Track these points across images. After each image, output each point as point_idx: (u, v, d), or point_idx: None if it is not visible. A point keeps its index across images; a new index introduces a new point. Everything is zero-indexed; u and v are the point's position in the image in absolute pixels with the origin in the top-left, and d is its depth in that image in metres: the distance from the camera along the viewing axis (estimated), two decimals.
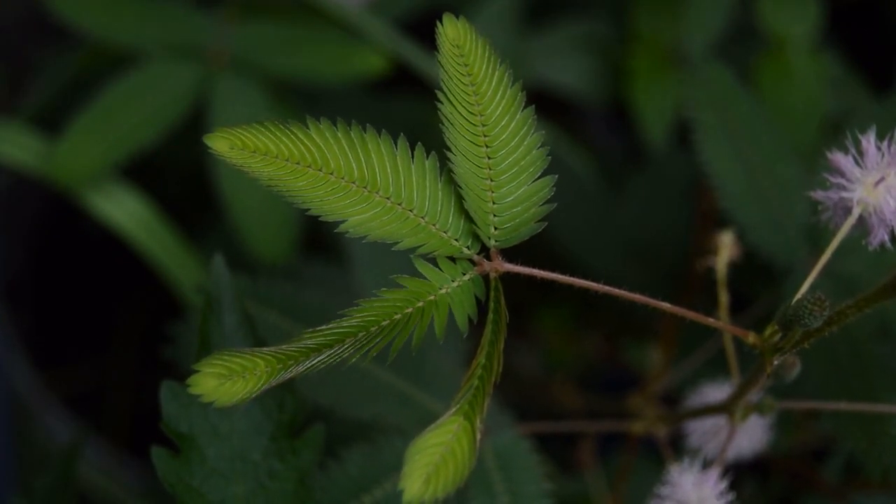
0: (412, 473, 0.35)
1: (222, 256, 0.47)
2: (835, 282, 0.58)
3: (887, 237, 0.39)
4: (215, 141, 0.39)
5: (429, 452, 0.35)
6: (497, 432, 0.54)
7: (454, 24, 0.39)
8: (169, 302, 0.79)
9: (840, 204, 0.39)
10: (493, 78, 0.39)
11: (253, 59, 0.78)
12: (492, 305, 0.38)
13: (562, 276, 0.38)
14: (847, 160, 0.39)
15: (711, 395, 0.59)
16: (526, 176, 0.39)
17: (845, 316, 0.38)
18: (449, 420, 0.36)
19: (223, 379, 0.36)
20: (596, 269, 0.81)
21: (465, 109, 0.39)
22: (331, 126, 0.39)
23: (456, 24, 0.39)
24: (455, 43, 0.39)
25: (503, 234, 0.39)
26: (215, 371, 0.36)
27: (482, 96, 0.39)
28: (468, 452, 0.36)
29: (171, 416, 0.45)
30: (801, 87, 0.81)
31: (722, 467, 0.48)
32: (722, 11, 0.84)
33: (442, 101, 0.39)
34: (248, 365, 0.36)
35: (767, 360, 0.40)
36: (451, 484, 0.35)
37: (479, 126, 0.39)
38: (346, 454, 0.52)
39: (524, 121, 0.39)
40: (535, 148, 0.39)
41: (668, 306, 0.39)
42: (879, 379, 0.56)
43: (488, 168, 0.39)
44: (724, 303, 0.50)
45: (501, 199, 0.39)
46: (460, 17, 0.40)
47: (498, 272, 0.38)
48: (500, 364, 0.37)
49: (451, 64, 0.39)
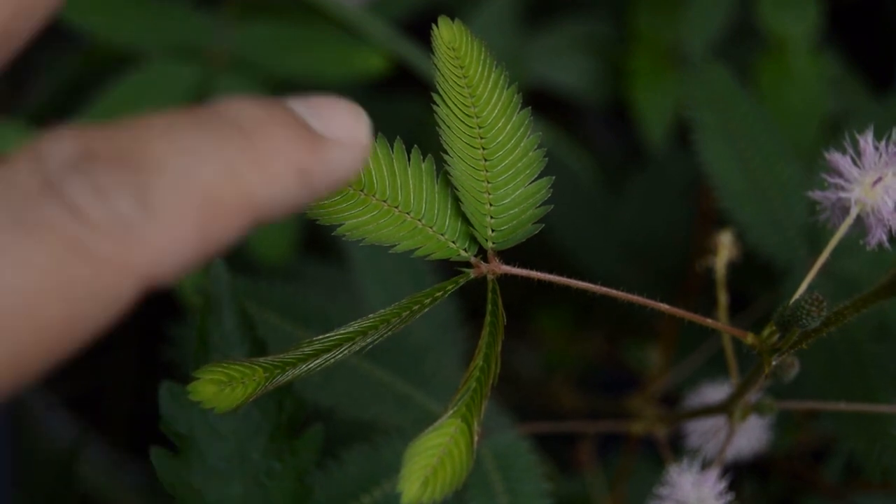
0: (410, 476, 0.35)
1: (221, 257, 0.47)
2: (833, 281, 0.58)
3: (885, 237, 0.39)
4: None
5: (427, 455, 0.35)
6: (496, 433, 0.54)
7: (449, 27, 0.39)
8: (169, 302, 0.79)
9: (838, 204, 0.39)
10: (489, 80, 0.39)
11: (253, 59, 0.78)
12: (489, 307, 0.38)
13: (559, 277, 0.38)
14: (845, 160, 0.39)
15: (711, 396, 0.59)
16: (523, 178, 0.39)
17: (843, 316, 0.38)
18: (446, 422, 0.36)
19: (223, 385, 0.36)
20: (595, 268, 0.81)
21: (462, 112, 0.39)
22: None
23: (451, 27, 0.39)
24: (451, 45, 0.39)
25: (500, 236, 0.39)
26: (215, 378, 0.36)
27: (478, 98, 0.39)
28: (466, 454, 0.36)
29: (171, 416, 0.45)
30: (801, 87, 0.81)
31: (721, 467, 0.48)
32: (722, 11, 0.84)
33: (438, 103, 0.39)
34: (247, 372, 0.36)
35: (766, 361, 0.40)
36: (449, 486, 0.35)
37: (476, 128, 0.39)
38: (345, 454, 0.52)
39: (520, 122, 0.39)
40: (532, 149, 0.39)
41: (666, 307, 0.39)
42: (878, 378, 0.56)
43: (485, 170, 0.39)
44: (724, 303, 0.49)
45: (498, 200, 0.39)
46: (456, 20, 0.39)
47: (495, 274, 0.38)
48: (497, 366, 0.37)
49: (447, 66, 0.39)
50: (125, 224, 0.26)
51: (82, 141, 0.27)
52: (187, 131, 0.28)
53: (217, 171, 0.28)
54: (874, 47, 0.94)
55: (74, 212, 0.26)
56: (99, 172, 0.26)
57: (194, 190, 0.27)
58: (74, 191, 0.26)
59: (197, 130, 0.29)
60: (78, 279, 0.26)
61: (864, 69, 0.86)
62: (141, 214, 0.26)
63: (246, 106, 0.30)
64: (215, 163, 0.28)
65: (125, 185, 0.26)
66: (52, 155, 0.27)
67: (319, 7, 0.77)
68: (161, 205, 0.27)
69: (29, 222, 0.26)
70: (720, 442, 0.54)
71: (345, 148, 0.32)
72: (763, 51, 0.84)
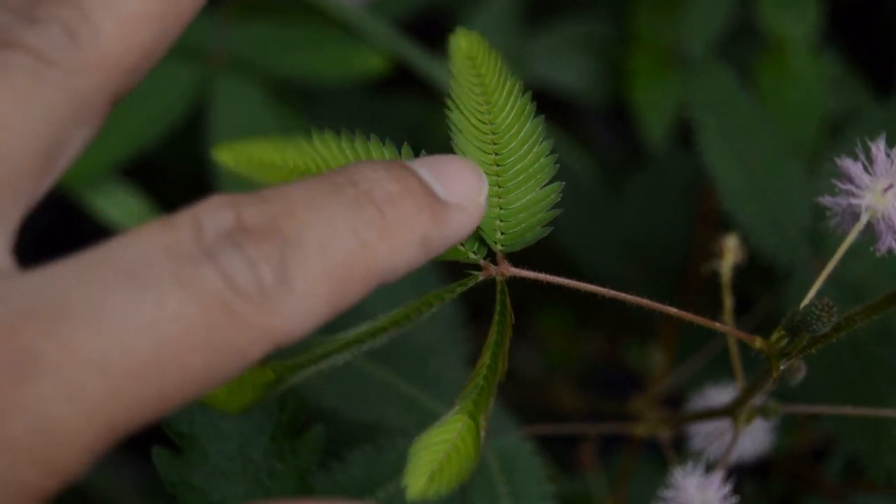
0: (416, 470, 0.35)
1: None
2: (839, 286, 0.58)
3: (895, 244, 0.39)
4: (221, 153, 0.40)
5: (433, 450, 0.35)
6: (500, 434, 0.54)
7: (468, 37, 0.40)
8: None
9: (848, 210, 0.39)
10: (503, 88, 0.40)
11: (253, 59, 0.78)
12: (498, 308, 0.38)
13: (567, 280, 0.39)
14: (856, 166, 0.39)
15: (715, 398, 0.59)
16: (534, 183, 0.39)
17: (854, 322, 0.38)
18: (453, 418, 0.36)
19: (233, 388, 0.36)
20: (596, 268, 0.81)
21: (476, 118, 0.39)
22: (335, 136, 0.39)
23: (469, 37, 0.40)
24: (469, 55, 0.40)
25: (509, 239, 0.39)
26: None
27: (493, 105, 0.39)
28: (472, 450, 0.36)
29: (172, 415, 0.45)
30: (801, 87, 0.81)
31: (725, 470, 0.48)
32: (722, 11, 0.84)
33: (451, 108, 0.39)
34: (257, 374, 0.36)
35: (774, 365, 0.40)
36: (455, 481, 0.35)
37: (489, 134, 0.39)
38: (349, 456, 0.52)
39: (533, 129, 0.39)
40: (544, 156, 0.39)
41: (673, 311, 0.39)
42: (882, 380, 0.56)
43: (496, 175, 0.39)
44: (729, 306, 0.49)
45: (509, 205, 0.39)
46: (473, 31, 0.40)
47: (504, 276, 0.39)
48: (505, 364, 0.38)
49: (465, 75, 0.39)
50: (266, 294, 0.30)
51: (235, 212, 0.31)
52: (326, 203, 0.32)
53: (350, 244, 0.32)
54: (874, 47, 0.94)
55: (226, 278, 0.30)
56: (249, 245, 0.31)
57: (327, 264, 0.32)
58: (227, 260, 0.30)
59: (334, 201, 0.33)
60: (222, 335, 0.30)
61: (864, 69, 0.86)
62: (280, 287, 0.30)
63: (379, 176, 0.34)
64: (349, 237, 0.32)
65: (269, 259, 0.31)
66: (210, 224, 0.31)
67: (319, 7, 0.77)
68: (296, 278, 0.31)
69: (189, 281, 0.30)
70: (724, 445, 0.54)
71: (464, 212, 0.36)
72: (763, 51, 0.83)
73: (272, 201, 0.32)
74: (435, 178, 0.35)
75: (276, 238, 0.31)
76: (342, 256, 0.32)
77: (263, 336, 0.30)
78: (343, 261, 0.32)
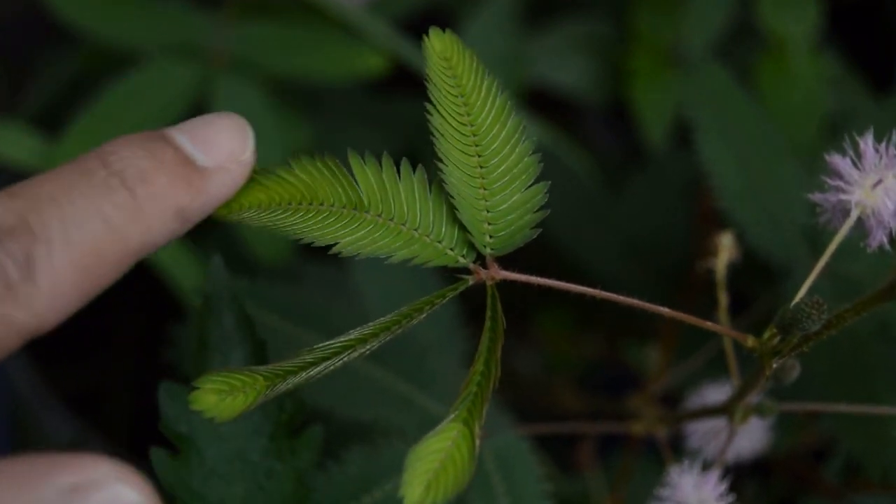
0: (413, 481, 0.35)
1: (221, 257, 0.47)
2: (834, 283, 0.58)
3: (885, 239, 0.39)
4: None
5: (429, 459, 0.35)
6: (497, 434, 0.54)
7: (441, 37, 0.39)
8: (169, 302, 0.79)
9: (838, 206, 0.39)
10: (481, 88, 0.39)
11: (253, 59, 0.78)
12: (489, 313, 0.38)
13: (559, 282, 0.38)
14: (845, 162, 0.39)
15: (712, 396, 0.59)
16: (519, 183, 0.39)
17: (844, 319, 0.38)
18: (448, 427, 0.36)
19: (223, 395, 0.36)
20: (595, 267, 0.81)
21: (455, 120, 0.39)
22: (315, 161, 0.39)
23: (443, 37, 0.39)
24: (443, 55, 0.39)
25: (498, 242, 0.39)
26: (216, 387, 0.36)
27: (471, 106, 0.39)
28: (468, 458, 0.36)
29: (171, 417, 0.45)
30: (801, 87, 0.81)
31: (722, 469, 0.48)
32: (722, 11, 0.84)
33: (432, 112, 0.39)
34: (248, 381, 0.37)
35: (766, 364, 0.40)
36: (452, 490, 0.35)
37: (470, 136, 0.39)
38: (345, 455, 0.52)
39: (515, 128, 0.39)
40: (528, 155, 0.39)
41: (667, 311, 0.39)
42: (881, 379, 0.56)
43: (481, 177, 0.39)
44: (724, 305, 0.49)
45: (495, 207, 0.39)
46: (447, 30, 0.40)
47: (494, 280, 0.39)
48: (498, 370, 0.38)
49: (440, 76, 0.39)
50: (14, 291, 0.32)
51: None
52: (73, 192, 0.33)
53: (97, 231, 0.33)
54: (874, 47, 0.94)
55: None
56: None
57: (74, 254, 0.32)
58: None
59: (81, 189, 0.33)
60: None
61: (864, 69, 0.86)
62: (25, 283, 0.32)
63: (133, 153, 0.34)
64: (95, 224, 0.33)
65: (15, 257, 0.32)
66: None
67: (319, 7, 0.77)
68: (41, 272, 0.32)
69: None
70: (721, 443, 0.54)
71: (226, 174, 0.36)
72: (763, 51, 0.83)
73: (20, 197, 0.33)
74: (193, 145, 0.35)
75: (24, 235, 0.32)
76: (89, 244, 0.33)
77: (14, 330, 0.32)
78: (91, 248, 0.33)
